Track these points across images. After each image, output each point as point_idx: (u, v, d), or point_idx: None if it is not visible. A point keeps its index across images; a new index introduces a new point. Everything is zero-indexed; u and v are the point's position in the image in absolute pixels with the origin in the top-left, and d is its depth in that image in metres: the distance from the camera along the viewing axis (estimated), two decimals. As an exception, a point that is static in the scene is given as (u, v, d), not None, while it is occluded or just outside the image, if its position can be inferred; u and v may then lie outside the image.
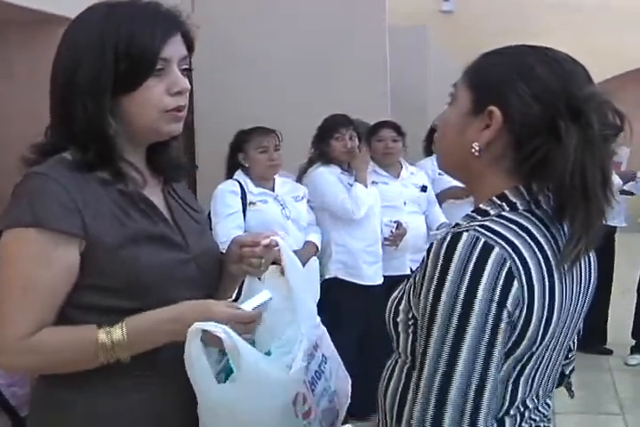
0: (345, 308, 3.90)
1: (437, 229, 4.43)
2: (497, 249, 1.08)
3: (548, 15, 9.99)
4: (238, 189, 3.70)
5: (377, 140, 4.34)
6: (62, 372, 1.36)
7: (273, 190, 3.82)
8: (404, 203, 4.32)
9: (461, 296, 1.06)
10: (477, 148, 1.18)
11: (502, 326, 1.07)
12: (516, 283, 1.08)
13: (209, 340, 1.32)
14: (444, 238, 1.11)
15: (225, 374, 1.39)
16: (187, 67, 1.43)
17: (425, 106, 6.41)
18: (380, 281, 4.06)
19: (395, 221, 4.15)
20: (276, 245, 1.51)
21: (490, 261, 1.07)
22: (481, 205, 1.20)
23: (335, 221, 4.01)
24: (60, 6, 3.46)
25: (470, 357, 1.05)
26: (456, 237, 1.09)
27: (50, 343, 1.34)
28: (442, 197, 4.63)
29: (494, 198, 1.19)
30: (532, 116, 1.14)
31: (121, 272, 1.35)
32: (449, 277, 1.07)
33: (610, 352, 5.35)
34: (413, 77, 6.25)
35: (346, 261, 4.01)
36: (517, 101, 1.15)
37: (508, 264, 1.08)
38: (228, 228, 3.57)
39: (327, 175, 4.02)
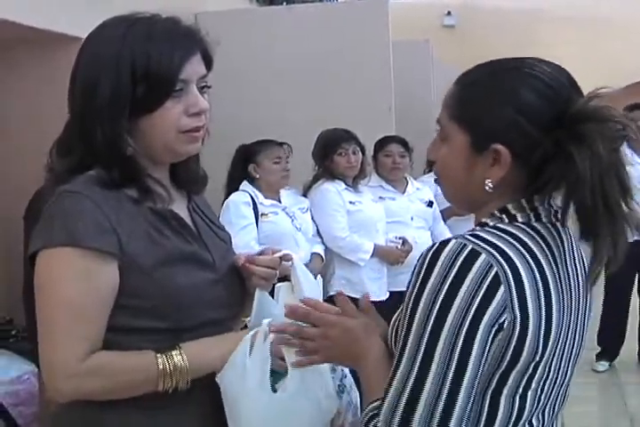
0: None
1: (443, 244, 4.40)
2: (483, 255, 1.08)
3: (552, 28, 10.00)
4: (250, 201, 3.69)
5: (384, 155, 4.32)
6: (121, 397, 1.32)
7: (280, 202, 3.82)
8: (412, 218, 4.29)
9: (439, 301, 1.06)
10: (491, 185, 1.18)
11: (481, 332, 1.06)
12: (502, 288, 1.07)
13: None
14: (433, 246, 1.11)
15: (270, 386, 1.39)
16: (205, 84, 1.40)
17: (429, 120, 6.38)
18: (384, 297, 4.01)
19: (400, 238, 4.12)
20: (291, 259, 1.51)
21: (474, 267, 1.07)
22: (482, 219, 1.21)
23: (338, 237, 3.98)
24: (64, 25, 3.49)
25: (442, 364, 1.04)
26: (443, 245, 1.10)
27: (110, 365, 1.31)
28: (446, 214, 4.60)
29: (495, 212, 1.20)
30: (537, 146, 1.14)
31: (154, 293, 1.33)
32: (430, 282, 1.07)
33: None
34: (417, 91, 6.24)
35: (349, 277, 3.97)
36: (519, 136, 1.15)
37: (494, 270, 1.08)
38: (246, 239, 3.55)
39: (331, 196, 3.98)
